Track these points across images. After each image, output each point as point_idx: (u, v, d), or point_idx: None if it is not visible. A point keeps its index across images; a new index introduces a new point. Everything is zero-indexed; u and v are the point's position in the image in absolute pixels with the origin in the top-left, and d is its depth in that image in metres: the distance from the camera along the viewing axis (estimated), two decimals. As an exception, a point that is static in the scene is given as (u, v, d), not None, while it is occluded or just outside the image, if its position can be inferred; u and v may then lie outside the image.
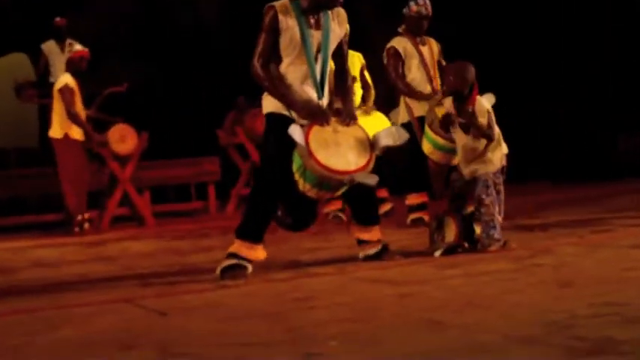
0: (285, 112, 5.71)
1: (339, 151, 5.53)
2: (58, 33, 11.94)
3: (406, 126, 7.97)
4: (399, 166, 8.62)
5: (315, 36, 5.75)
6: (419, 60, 8.26)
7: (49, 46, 11.97)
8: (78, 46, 10.42)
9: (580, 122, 14.13)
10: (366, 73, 9.19)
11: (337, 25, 5.87)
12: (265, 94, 5.81)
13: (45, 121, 11.34)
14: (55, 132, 10.18)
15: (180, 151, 12.83)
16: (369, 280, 5.27)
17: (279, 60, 5.74)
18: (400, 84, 8.35)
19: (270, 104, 5.79)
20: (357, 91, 8.94)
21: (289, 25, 5.69)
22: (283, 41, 5.70)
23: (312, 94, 5.75)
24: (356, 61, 9.06)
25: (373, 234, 6.07)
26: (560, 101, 14.08)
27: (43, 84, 11.92)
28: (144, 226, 10.86)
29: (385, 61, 8.43)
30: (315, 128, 5.54)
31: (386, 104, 9.20)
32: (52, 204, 11.22)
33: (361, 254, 6.07)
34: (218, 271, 5.67)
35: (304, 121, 5.60)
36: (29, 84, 12.12)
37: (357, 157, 5.57)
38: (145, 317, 4.54)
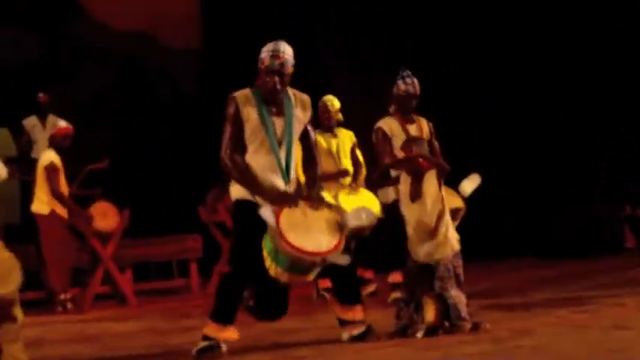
0: (252, 199, 5.79)
1: (310, 234, 5.58)
2: (40, 109, 11.91)
3: (393, 203, 8.05)
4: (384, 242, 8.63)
5: (278, 123, 5.85)
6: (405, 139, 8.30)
7: (31, 122, 11.89)
8: (62, 123, 10.38)
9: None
10: (358, 152, 9.29)
11: (300, 111, 5.98)
12: (233, 181, 5.90)
13: (26, 198, 11.32)
14: (41, 208, 10.16)
15: (162, 228, 12.80)
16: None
17: (244, 148, 5.83)
18: (388, 164, 8.37)
19: (237, 191, 5.90)
20: (348, 169, 9.07)
21: (250, 114, 5.82)
22: (247, 131, 5.82)
23: (278, 181, 5.82)
24: (347, 139, 9.17)
25: (356, 313, 6.08)
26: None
27: (24, 160, 11.88)
28: (126, 304, 10.81)
29: (374, 142, 8.49)
30: (285, 211, 5.60)
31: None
32: (32, 282, 11.14)
33: (345, 335, 6.06)
34: (194, 352, 5.76)
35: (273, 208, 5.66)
36: (10, 160, 12.10)
37: (328, 238, 5.61)
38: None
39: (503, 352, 5.19)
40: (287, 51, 5.87)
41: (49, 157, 10.17)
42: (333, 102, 9.30)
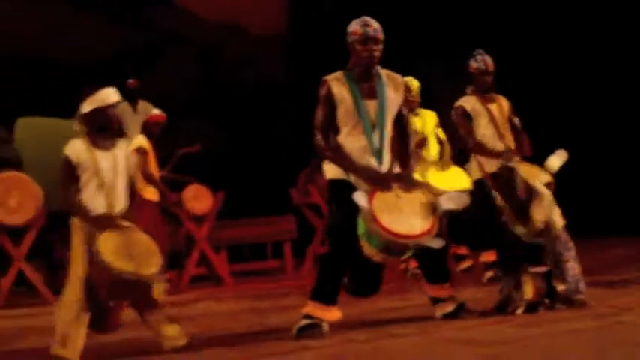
0: (346, 178, 5.80)
1: (403, 216, 5.57)
2: (130, 94, 12.06)
3: (479, 182, 8.00)
4: (476, 222, 8.61)
5: (371, 105, 5.84)
6: (488, 118, 8.24)
7: (122, 107, 12.03)
8: (155, 110, 10.44)
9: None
10: (440, 130, 9.26)
11: (393, 91, 5.95)
12: (326, 161, 5.91)
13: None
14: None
15: (253, 211, 12.93)
16: (450, 340, 5.27)
17: (337, 130, 5.85)
18: (470, 141, 8.35)
19: (331, 171, 5.90)
20: (433, 148, 9.05)
21: (344, 97, 5.81)
22: (339, 113, 5.82)
23: (372, 163, 5.82)
24: (430, 119, 9.15)
25: (445, 291, 6.10)
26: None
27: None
28: (222, 285, 10.96)
29: (454, 120, 8.46)
30: (379, 194, 5.60)
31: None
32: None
33: (438, 313, 6.09)
34: (295, 331, 5.79)
35: (367, 187, 5.67)
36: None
37: (421, 221, 5.59)
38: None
39: (604, 329, 5.15)
40: (376, 22, 5.88)
41: (138, 141, 10.28)
42: (413, 82, 9.28)
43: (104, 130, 5.79)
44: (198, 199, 10.90)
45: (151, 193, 10.17)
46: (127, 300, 5.65)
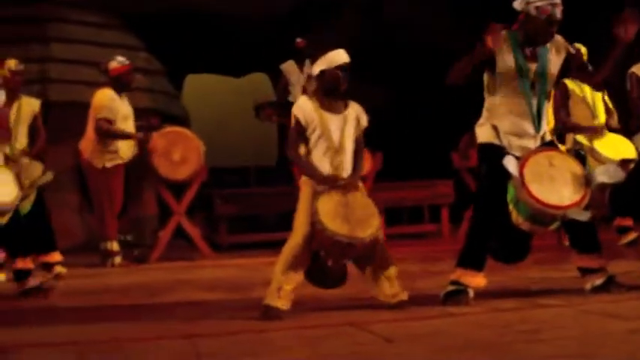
0: (498, 142, 5.73)
1: (554, 186, 5.48)
2: (298, 54, 12.16)
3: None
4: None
5: (532, 68, 5.75)
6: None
7: (289, 67, 12.15)
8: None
9: None
10: (607, 99, 8.99)
11: (555, 55, 5.86)
12: (479, 123, 5.85)
13: (284, 141, 11.64)
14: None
15: (413, 173, 12.90)
16: (597, 313, 5.17)
17: (495, 91, 5.76)
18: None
19: (483, 134, 5.85)
20: (601, 115, 8.79)
21: (505, 58, 5.74)
22: (499, 74, 5.73)
23: (529, 128, 5.72)
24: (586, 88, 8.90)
25: (595, 261, 5.95)
26: None
27: (282, 104, 12.20)
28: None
29: (628, 87, 8.21)
30: (531, 160, 5.51)
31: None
32: (287, 222, 11.43)
33: (588, 285, 5.95)
34: (442, 296, 5.81)
35: (519, 153, 5.59)
36: (268, 104, 12.45)
37: (572, 193, 5.49)
38: (371, 343, 4.63)
39: None
40: None
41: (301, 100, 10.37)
42: (582, 49, 9.00)
43: (332, 92, 5.82)
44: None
45: None
46: (346, 260, 5.67)
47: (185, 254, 10.28)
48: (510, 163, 5.41)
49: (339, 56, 5.81)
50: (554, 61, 5.85)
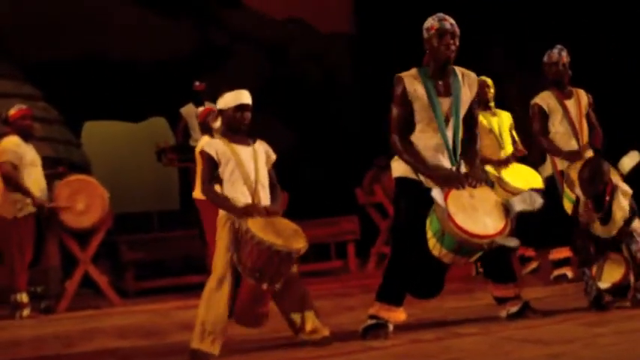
0: (414, 177, 5.78)
1: (477, 216, 5.54)
2: (196, 97, 12.16)
3: (550, 179, 8.00)
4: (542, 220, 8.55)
5: (445, 102, 5.79)
6: (562, 114, 8.16)
7: (188, 110, 12.14)
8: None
9: None
10: (514, 132, 9.19)
11: (468, 89, 5.91)
12: (395, 158, 5.89)
13: (186, 184, 11.59)
14: (200, 194, 10.35)
15: (319, 211, 12.94)
16: (517, 340, 5.24)
17: (412, 128, 5.81)
18: (542, 140, 8.28)
19: (399, 168, 5.87)
20: (508, 147, 8.98)
21: (418, 94, 5.77)
22: (415, 110, 5.78)
23: (445, 162, 5.79)
24: (506, 119, 9.10)
25: (510, 290, 6.06)
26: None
27: (183, 148, 12.16)
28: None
29: (531, 117, 8.40)
30: (453, 193, 5.58)
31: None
32: (193, 266, 11.38)
33: (503, 313, 6.06)
34: (361, 330, 5.83)
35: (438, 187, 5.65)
36: (170, 148, 12.41)
37: (495, 221, 5.55)
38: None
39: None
40: (451, 18, 5.84)
41: (203, 142, 10.35)
42: (488, 81, 9.22)
43: (234, 131, 5.84)
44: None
45: None
46: (279, 281, 5.57)
47: (92, 302, 10.11)
48: (438, 195, 5.46)
49: (239, 96, 5.84)
50: (467, 95, 5.90)
